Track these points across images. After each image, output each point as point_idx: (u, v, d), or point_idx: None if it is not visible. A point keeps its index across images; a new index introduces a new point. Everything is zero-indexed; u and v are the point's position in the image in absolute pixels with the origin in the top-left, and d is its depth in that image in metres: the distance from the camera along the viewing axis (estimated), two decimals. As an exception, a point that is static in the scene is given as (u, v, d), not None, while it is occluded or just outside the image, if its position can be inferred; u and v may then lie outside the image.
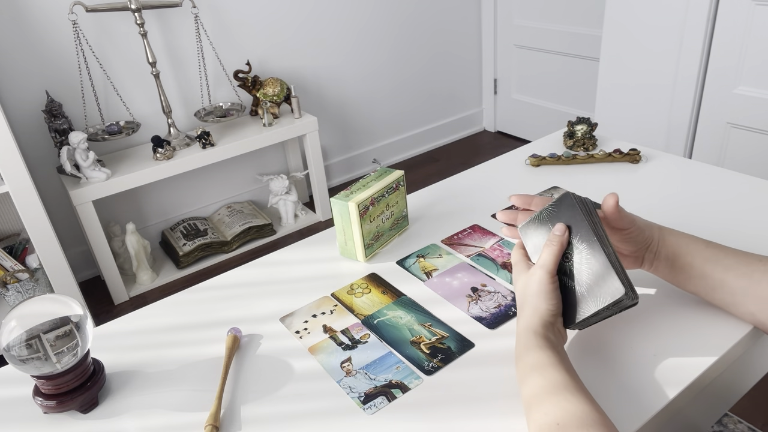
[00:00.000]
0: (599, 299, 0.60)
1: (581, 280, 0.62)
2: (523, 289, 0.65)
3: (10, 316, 0.63)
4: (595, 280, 0.61)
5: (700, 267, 0.66)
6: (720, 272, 0.65)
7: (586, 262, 0.62)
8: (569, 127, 1.16)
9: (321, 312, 0.79)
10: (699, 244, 0.67)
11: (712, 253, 0.66)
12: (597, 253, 0.61)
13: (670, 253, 0.68)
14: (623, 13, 2.04)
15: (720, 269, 0.66)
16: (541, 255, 0.64)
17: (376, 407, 0.63)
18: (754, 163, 1.87)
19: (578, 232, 0.63)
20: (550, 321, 0.62)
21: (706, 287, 0.67)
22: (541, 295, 0.63)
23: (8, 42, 1.89)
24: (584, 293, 0.62)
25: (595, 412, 0.52)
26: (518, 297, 0.67)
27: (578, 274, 0.62)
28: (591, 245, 0.62)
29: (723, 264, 0.66)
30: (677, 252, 0.68)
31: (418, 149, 3.10)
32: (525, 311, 0.64)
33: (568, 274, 0.64)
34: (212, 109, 2.28)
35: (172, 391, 0.68)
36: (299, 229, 2.48)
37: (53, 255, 1.75)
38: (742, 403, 1.39)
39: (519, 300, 0.66)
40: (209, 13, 2.23)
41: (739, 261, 0.65)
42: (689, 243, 0.68)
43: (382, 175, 0.91)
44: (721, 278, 0.65)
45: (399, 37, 2.79)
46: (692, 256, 0.67)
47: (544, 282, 0.63)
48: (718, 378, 0.69)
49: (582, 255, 0.62)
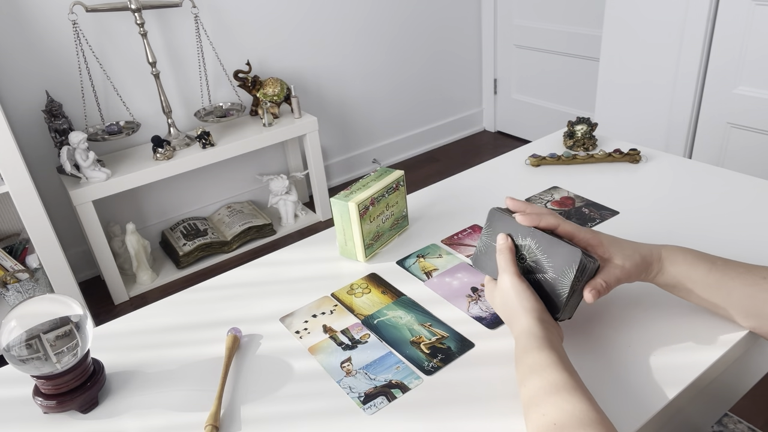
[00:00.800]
0: (566, 273, 0.63)
1: (544, 267, 0.65)
2: (502, 301, 0.66)
3: (10, 316, 0.63)
4: (554, 259, 0.64)
5: (701, 292, 0.66)
6: (722, 297, 0.65)
7: (538, 251, 0.66)
8: (569, 127, 1.16)
9: (321, 312, 0.79)
10: (701, 268, 0.65)
11: (715, 279, 0.65)
12: (541, 238, 0.65)
13: (670, 281, 0.67)
14: (623, 13, 2.04)
15: (722, 294, 0.65)
16: (498, 265, 0.67)
17: (376, 407, 0.63)
18: (754, 163, 1.87)
19: (517, 233, 0.67)
20: (543, 317, 0.63)
21: (707, 305, 0.67)
22: (521, 295, 0.64)
23: (8, 42, 1.89)
24: (554, 276, 0.64)
25: (593, 412, 0.52)
26: (503, 312, 0.67)
27: (539, 264, 0.66)
28: (533, 235, 0.66)
29: (726, 288, 0.64)
30: (678, 281, 0.66)
31: (418, 149, 3.10)
32: (517, 317, 0.64)
33: (533, 270, 0.66)
34: (212, 109, 2.28)
35: (172, 391, 0.68)
36: (299, 229, 2.48)
37: (53, 255, 1.75)
38: (742, 403, 1.39)
39: (505, 314, 0.67)
40: (209, 13, 2.23)
41: (744, 282, 0.64)
42: (690, 270, 0.65)
43: (382, 175, 0.91)
44: (723, 300, 0.65)
45: (399, 37, 2.79)
46: (694, 284, 0.66)
47: (516, 283, 0.65)
48: (718, 378, 0.69)
49: (531, 248, 0.66)
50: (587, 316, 0.72)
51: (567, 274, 0.63)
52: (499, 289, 0.67)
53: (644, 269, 0.66)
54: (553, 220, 0.66)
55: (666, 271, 0.66)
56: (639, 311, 0.72)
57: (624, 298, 0.74)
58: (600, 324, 0.71)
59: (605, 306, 0.74)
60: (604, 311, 0.73)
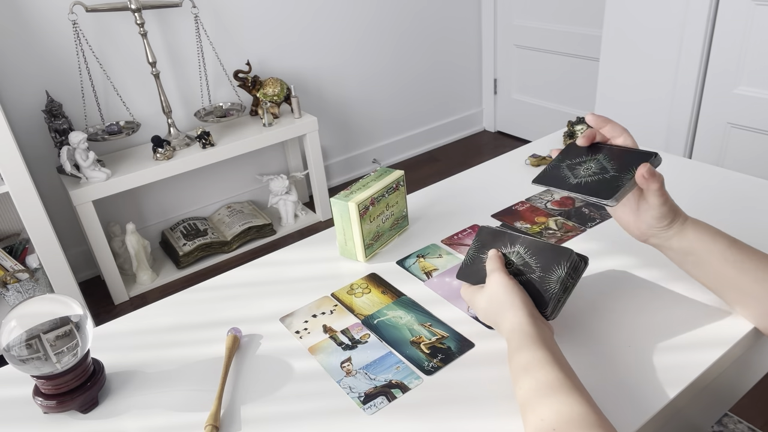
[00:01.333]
0: (554, 270, 0.65)
1: (533, 267, 0.67)
2: (488, 301, 0.67)
3: (10, 316, 0.63)
4: (543, 260, 0.66)
5: (717, 266, 0.65)
6: (736, 274, 0.64)
7: (527, 254, 0.67)
8: (569, 127, 1.16)
9: (321, 312, 0.79)
10: (721, 243, 0.65)
11: (733, 254, 0.64)
12: (531, 243, 0.68)
13: (686, 247, 0.66)
14: (623, 13, 2.04)
15: (736, 272, 0.64)
16: (487, 267, 0.69)
17: (376, 407, 0.63)
18: (754, 163, 1.87)
19: (507, 242, 0.70)
20: (534, 313, 0.63)
21: (716, 283, 0.67)
22: (510, 291, 0.65)
23: (8, 42, 1.89)
24: (542, 275, 0.66)
25: (592, 414, 0.51)
26: (487, 313, 0.67)
27: (527, 267, 0.67)
28: (522, 242, 0.69)
29: (741, 267, 0.64)
30: (695, 248, 0.66)
31: (418, 149, 3.10)
32: (506, 315, 0.64)
33: (521, 273, 0.68)
34: (212, 109, 2.28)
35: (172, 391, 0.68)
36: (299, 229, 2.48)
37: (53, 255, 1.75)
38: (742, 403, 1.39)
39: (490, 314, 0.67)
40: (209, 13, 2.23)
41: (758, 266, 0.63)
42: (711, 241, 0.65)
43: (382, 175, 0.91)
44: (736, 280, 0.65)
45: (399, 37, 2.79)
46: (711, 254, 0.65)
47: (505, 281, 0.66)
48: (718, 378, 0.69)
49: (520, 253, 0.68)
50: (587, 316, 0.72)
51: (556, 270, 0.64)
52: (485, 290, 0.68)
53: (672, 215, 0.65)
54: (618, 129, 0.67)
55: (686, 234, 0.66)
56: (639, 311, 0.72)
57: (624, 297, 0.74)
58: (600, 323, 0.71)
59: (605, 305, 0.74)
60: (604, 311, 0.73)
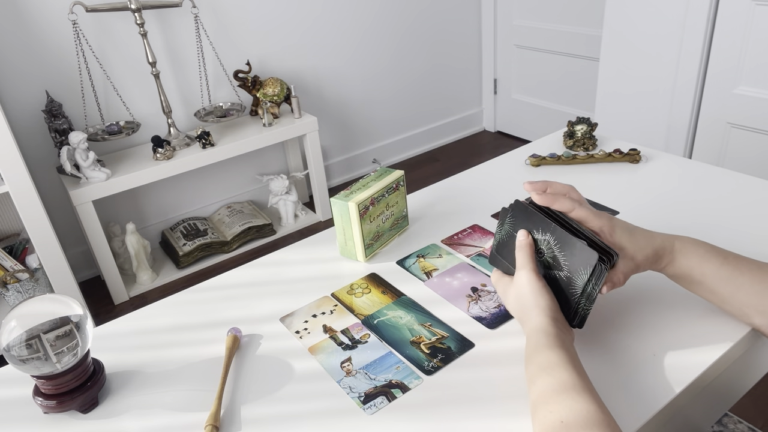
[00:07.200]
0: (580, 274, 0.63)
1: (561, 264, 0.65)
2: (516, 298, 0.66)
3: (10, 316, 0.63)
4: (570, 259, 0.64)
5: (712, 285, 0.65)
6: (731, 290, 0.65)
7: (556, 247, 0.65)
8: (569, 127, 1.16)
9: (321, 312, 0.79)
10: (713, 262, 0.65)
11: (727, 272, 0.64)
12: (561, 235, 0.65)
13: (679, 273, 0.67)
14: (623, 13, 2.04)
15: (732, 288, 0.65)
16: (517, 261, 0.67)
17: (376, 407, 0.63)
18: (754, 163, 1.87)
19: (538, 227, 0.67)
20: (557, 316, 0.63)
21: (713, 299, 0.67)
22: (537, 292, 0.64)
23: (8, 42, 1.89)
24: (568, 275, 0.64)
25: (600, 413, 0.52)
26: (515, 308, 0.67)
27: (556, 261, 0.66)
28: (553, 231, 0.65)
29: (736, 283, 0.64)
30: (687, 273, 0.66)
31: (418, 149, 3.10)
32: (530, 315, 0.64)
33: (550, 266, 0.66)
34: (212, 109, 2.28)
35: (172, 391, 0.68)
36: (299, 229, 2.47)
37: (53, 255, 1.75)
38: (742, 403, 1.39)
39: (517, 311, 0.67)
40: (209, 13, 2.23)
41: (753, 279, 0.64)
42: (702, 263, 0.65)
43: (382, 175, 0.91)
44: (732, 295, 0.65)
45: (399, 37, 2.79)
46: (704, 276, 0.65)
47: (533, 280, 0.65)
48: (718, 378, 0.69)
49: (550, 243, 0.66)
50: (588, 316, 0.72)
51: (581, 274, 0.63)
52: (514, 286, 0.67)
53: (655, 261, 0.66)
54: (568, 204, 0.65)
55: (677, 263, 0.66)
56: (639, 311, 0.72)
57: (625, 298, 0.74)
58: (601, 324, 0.71)
59: (606, 306, 0.74)
60: (605, 312, 0.73)
